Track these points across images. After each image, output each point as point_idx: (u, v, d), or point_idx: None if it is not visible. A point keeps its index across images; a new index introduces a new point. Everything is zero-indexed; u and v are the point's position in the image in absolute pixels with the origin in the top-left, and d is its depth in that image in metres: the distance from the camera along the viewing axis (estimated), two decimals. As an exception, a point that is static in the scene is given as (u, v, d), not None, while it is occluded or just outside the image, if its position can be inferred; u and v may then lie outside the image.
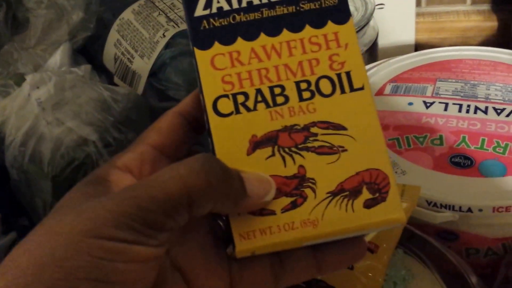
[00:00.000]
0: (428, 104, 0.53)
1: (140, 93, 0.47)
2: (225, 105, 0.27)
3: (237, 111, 0.27)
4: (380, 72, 0.59)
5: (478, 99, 0.53)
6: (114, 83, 0.49)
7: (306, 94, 0.27)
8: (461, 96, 0.53)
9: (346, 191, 0.26)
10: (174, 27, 0.47)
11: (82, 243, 0.22)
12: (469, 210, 0.43)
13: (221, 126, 0.27)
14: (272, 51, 0.28)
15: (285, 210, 0.26)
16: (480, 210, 0.43)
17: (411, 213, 0.40)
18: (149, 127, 0.28)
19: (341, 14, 0.28)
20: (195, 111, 0.28)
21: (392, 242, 0.38)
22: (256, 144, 0.27)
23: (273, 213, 0.26)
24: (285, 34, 0.28)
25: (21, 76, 0.41)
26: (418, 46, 0.74)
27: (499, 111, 0.51)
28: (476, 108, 0.51)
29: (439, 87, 0.55)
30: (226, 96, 0.27)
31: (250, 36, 0.28)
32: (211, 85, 0.27)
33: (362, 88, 0.27)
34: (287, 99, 0.27)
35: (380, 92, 0.56)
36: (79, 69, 0.41)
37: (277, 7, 0.28)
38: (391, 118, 0.52)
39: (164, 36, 0.46)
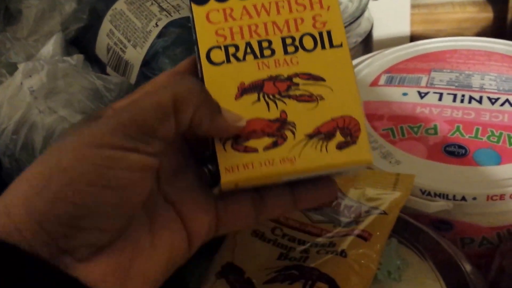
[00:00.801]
0: (422, 94, 0.53)
1: (133, 82, 0.47)
2: (217, 55, 0.30)
3: (228, 61, 0.30)
4: (374, 63, 0.59)
5: (473, 89, 0.53)
6: (107, 74, 0.48)
7: (290, 49, 0.31)
8: (456, 86, 0.53)
9: (321, 134, 0.30)
10: (167, 16, 0.47)
11: (85, 153, 0.25)
12: (463, 198, 0.43)
13: (213, 73, 0.30)
14: (262, 9, 0.31)
15: (266, 148, 0.29)
16: (474, 198, 0.43)
17: (405, 203, 0.40)
18: (147, 83, 0.31)
19: None
20: (190, 73, 0.31)
21: (385, 230, 0.38)
22: (244, 90, 0.30)
23: (255, 150, 0.29)
24: None
25: (13, 65, 0.41)
26: (414, 38, 0.74)
27: (493, 100, 0.51)
28: (471, 98, 0.51)
29: (434, 78, 0.55)
30: (219, 47, 0.30)
31: None
32: (206, 37, 0.30)
33: (340, 46, 0.31)
34: (273, 52, 0.30)
35: (374, 83, 0.56)
36: (72, 58, 0.40)
37: None
38: (386, 108, 0.52)
39: (157, 25, 0.46)
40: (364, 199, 0.40)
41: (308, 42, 0.31)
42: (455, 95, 0.52)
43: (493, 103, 0.50)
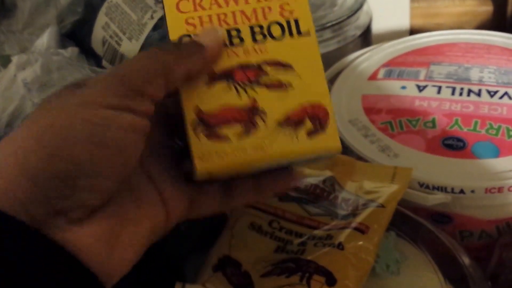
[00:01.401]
0: (421, 88, 0.53)
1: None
2: None
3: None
4: (373, 57, 0.59)
5: (472, 82, 0.52)
6: (102, 67, 0.48)
7: (259, 37, 0.31)
8: (454, 79, 0.53)
9: (291, 122, 0.30)
10: (163, 8, 0.47)
11: (79, 113, 0.25)
12: (461, 191, 0.43)
13: None
14: None
15: (239, 136, 0.30)
16: (473, 191, 0.43)
17: (403, 195, 0.40)
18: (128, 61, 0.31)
19: None
20: None
21: (383, 223, 0.37)
22: (214, 78, 0.30)
23: (228, 139, 0.30)
24: None
25: (7, 57, 0.40)
26: (413, 32, 0.73)
27: (492, 93, 0.50)
28: (469, 91, 0.51)
29: (433, 71, 0.55)
30: (189, 36, 0.31)
31: None
32: (176, 26, 0.31)
33: (308, 33, 0.31)
34: (242, 40, 0.31)
35: (373, 77, 0.56)
36: (66, 51, 0.40)
37: None
38: (384, 102, 0.52)
39: (152, 18, 0.46)
40: (361, 192, 0.40)
41: (276, 31, 0.31)
42: (453, 88, 0.52)
43: (492, 96, 0.50)
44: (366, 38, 0.66)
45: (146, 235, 0.29)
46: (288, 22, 0.31)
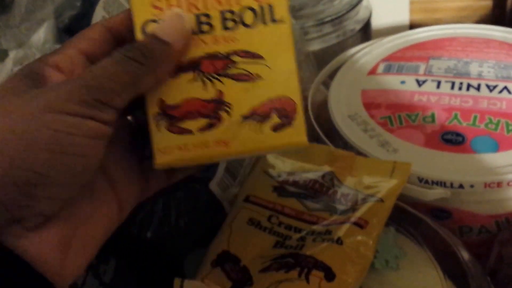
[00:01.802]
0: (420, 82, 0.52)
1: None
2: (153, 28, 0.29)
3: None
4: (373, 52, 0.59)
5: (471, 76, 0.52)
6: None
7: (230, 24, 0.29)
8: (454, 74, 0.53)
9: (257, 116, 0.29)
10: (161, 3, 0.46)
11: (41, 118, 0.24)
12: (461, 186, 0.43)
13: None
14: None
15: (201, 130, 0.29)
16: (472, 186, 0.42)
17: (402, 191, 0.40)
18: (77, 35, 0.30)
19: None
20: (124, 30, 0.30)
21: (382, 218, 0.37)
22: (179, 68, 0.29)
23: (190, 132, 0.29)
24: None
25: (4, 51, 0.40)
26: (413, 26, 0.73)
27: (491, 87, 0.50)
28: (469, 85, 0.51)
29: (432, 65, 0.54)
30: (154, 21, 0.29)
31: None
32: (141, 9, 0.29)
33: (282, 21, 0.30)
34: (211, 27, 0.29)
35: (372, 72, 0.56)
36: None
37: None
38: (384, 97, 0.52)
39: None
40: (360, 187, 0.40)
41: (248, 17, 0.30)
42: (453, 83, 0.52)
43: (491, 91, 0.50)
44: (365, 32, 0.66)
45: (101, 233, 0.28)
46: (262, 8, 0.30)
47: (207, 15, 0.29)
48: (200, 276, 0.35)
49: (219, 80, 0.29)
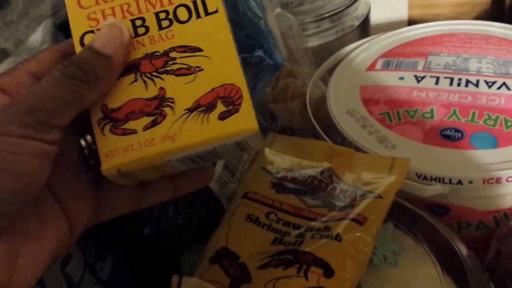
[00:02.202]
0: (419, 78, 0.52)
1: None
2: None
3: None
4: (371, 48, 0.59)
5: (470, 72, 0.52)
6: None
7: (165, 23, 0.30)
8: (453, 70, 0.53)
9: (202, 107, 0.28)
10: None
11: None
12: (459, 182, 0.43)
13: None
14: None
15: (146, 128, 0.28)
16: (471, 182, 0.42)
17: (401, 187, 0.40)
18: (27, 58, 0.30)
19: None
20: (73, 52, 0.30)
21: (380, 214, 0.37)
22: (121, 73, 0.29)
23: (134, 132, 0.28)
24: None
25: (3, 51, 0.40)
26: (411, 22, 0.73)
27: (490, 84, 0.50)
28: (468, 81, 0.51)
29: (431, 61, 0.54)
30: (92, 31, 0.29)
31: None
32: (78, 22, 0.30)
33: (216, 11, 0.30)
34: (147, 29, 0.30)
35: (371, 67, 0.56)
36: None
37: None
38: (382, 93, 0.52)
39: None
40: (359, 183, 0.40)
41: (182, 14, 0.30)
42: (452, 79, 0.51)
43: (490, 87, 0.50)
44: (364, 28, 0.65)
45: (49, 251, 0.28)
46: (195, 3, 0.30)
47: (142, 19, 0.30)
48: (198, 273, 0.35)
49: (160, 78, 0.29)
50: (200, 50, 0.29)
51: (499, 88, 0.50)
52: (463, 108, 0.48)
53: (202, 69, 0.29)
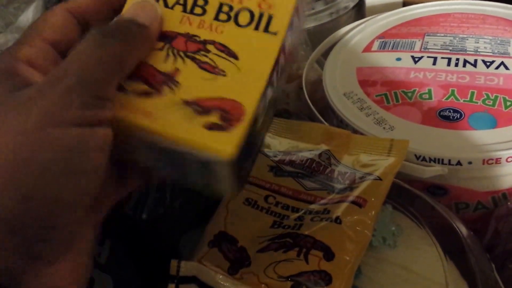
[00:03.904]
0: (416, 59, 0.52)
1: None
2: None
3: (156, 0, 0.28)
4: (367, 29, 0.58)
5: (467, 52, 0.52)
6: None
7: (222, 16, 0.28)
8: (450, 50, 0.52)
9: (199, 107, 0.26)
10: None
11: (47, 137, 0.21)
12: (459, 163, 0.42)
13: None
14: None
15: (135, 93, 0.26)
16: (470, 162, 0.42)
17: (400, 168, 0.39)
18: (38, 21, 0.27)
19: None
20: (89, 15, 0.28)
21: (380, 196, 0.37)
22: None
23: (125, 91, 0.26)
24: None
25: (-9, 32, 0.39)
26: (406, 3, 0.72)
27: (488, 63, 0.50)
28: (465, 61, 0.50)
29: (428, 42, 0.54)
30: None
31: None
32: None
33: (274, 34, 0.28)
34: (204, 12, 0.28)
35: (367, 49, 0.55)
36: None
37: None
38: (379, 74, 0.51)
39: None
40: (358, 165, 0.40)
41: (243, 17, 0.28)
42: (449, 59, 0.51)
43: (488, 66, 0.49)
44: (359, 10, 0.65)
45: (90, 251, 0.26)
46: (261, 15, 0.28)
47: (206, 0, 0.29)
48: (197, 257, 0.35)
49: (182, 60, 0.28)
50: (236, 58, 0.28)
51: (497, 67, 0.49)
52: (461, 88, 0.48)
53: (225, 75, 0.27)
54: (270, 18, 0.28)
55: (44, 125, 0.21)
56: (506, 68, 0.49)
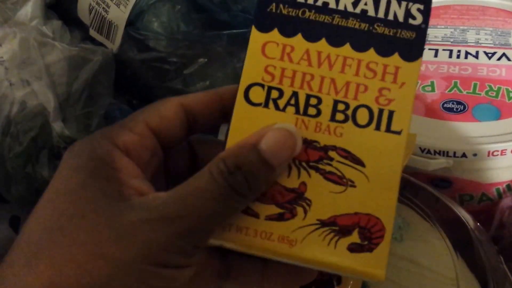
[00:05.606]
0: (417, 51, 0.51)
1: (118, 44, 0.44)
2: (257, 94, 0.26)
3: (266, 105, 0.26)
4: (366, 21, 0.58)
5: (468, 44, 0.51)
6: (90, 37, 0.46)
7: (339, 116, 0.26)
8: (451, 42, 0.52)
9: (336, 226, 0.25)
10: (152, -27, 0.44)
11: (141, 271, 0.21)
12: (464, 155, 0.42)
13: (244, 113, 0.26)
14: (325, 60, 0.26)
15: (269, 218, 0.25)
16: (475, 154, 0.42)
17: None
18: (149, 107, 0.26)
19: (413, 51, 0.26)
20: (198, 110, 0.27)
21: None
22: None
23: (256, 216, 0.25)
24: (346, 49, 0.26)
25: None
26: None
27: (490, 55, 0.50)
28: (467, 53, 0.50)
29: (428, 34, 0.53)
30: (262, 85, 0.26)
31: (312, 37, 0.26)
32: (253, 70, 0.26)
33: (399, 133, 0.26)
34: (318, 113, 0.26)
35: (367, 42, 0.55)
36: (48, 26, 0.38)
37: (350, 18, 0.26)
38: (380, 67, 0.51)
39: (141, -17, 0.44)
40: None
41: (362, 116, 0.26)
42: (451, 51, 0.51)
43: (489, 58, 0.49)
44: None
45: None
46: (381, 112, 0.26)
47: (318, 99, 0.26)
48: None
49: (306, 172, 0.25)
50: (362, 164, 0.25)
51: (499, 59, 0.49)
52: (464, 80, 0.47)
53: (355, 186, 0.25)
54: (391, 115, 0.26)
55: (142, 261, 0.22)
56: (508, 59, 0.49)
